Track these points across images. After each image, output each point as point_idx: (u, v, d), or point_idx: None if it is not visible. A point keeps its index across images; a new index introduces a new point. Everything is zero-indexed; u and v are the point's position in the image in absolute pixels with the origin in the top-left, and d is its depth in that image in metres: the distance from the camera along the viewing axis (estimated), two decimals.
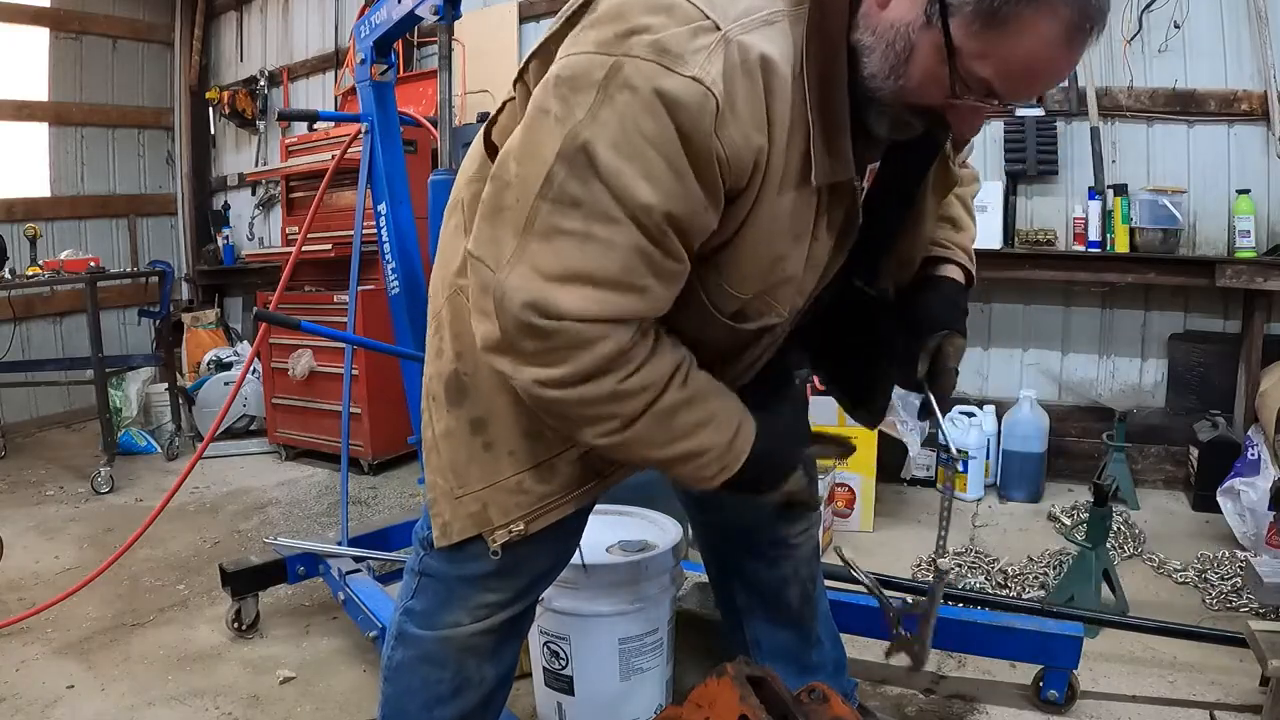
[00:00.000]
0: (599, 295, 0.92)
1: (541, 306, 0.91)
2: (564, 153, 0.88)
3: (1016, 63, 0.86)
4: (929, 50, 0.88)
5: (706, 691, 1.20)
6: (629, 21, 0.87)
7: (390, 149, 2.38)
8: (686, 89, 0.85)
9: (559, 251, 0.91)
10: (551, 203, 0.90)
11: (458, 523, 1.19)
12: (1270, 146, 3.17)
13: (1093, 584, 2.23)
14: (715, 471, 1.08)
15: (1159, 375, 3.48)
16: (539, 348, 0.94)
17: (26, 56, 5.14)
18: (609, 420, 1.00)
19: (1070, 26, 0.83)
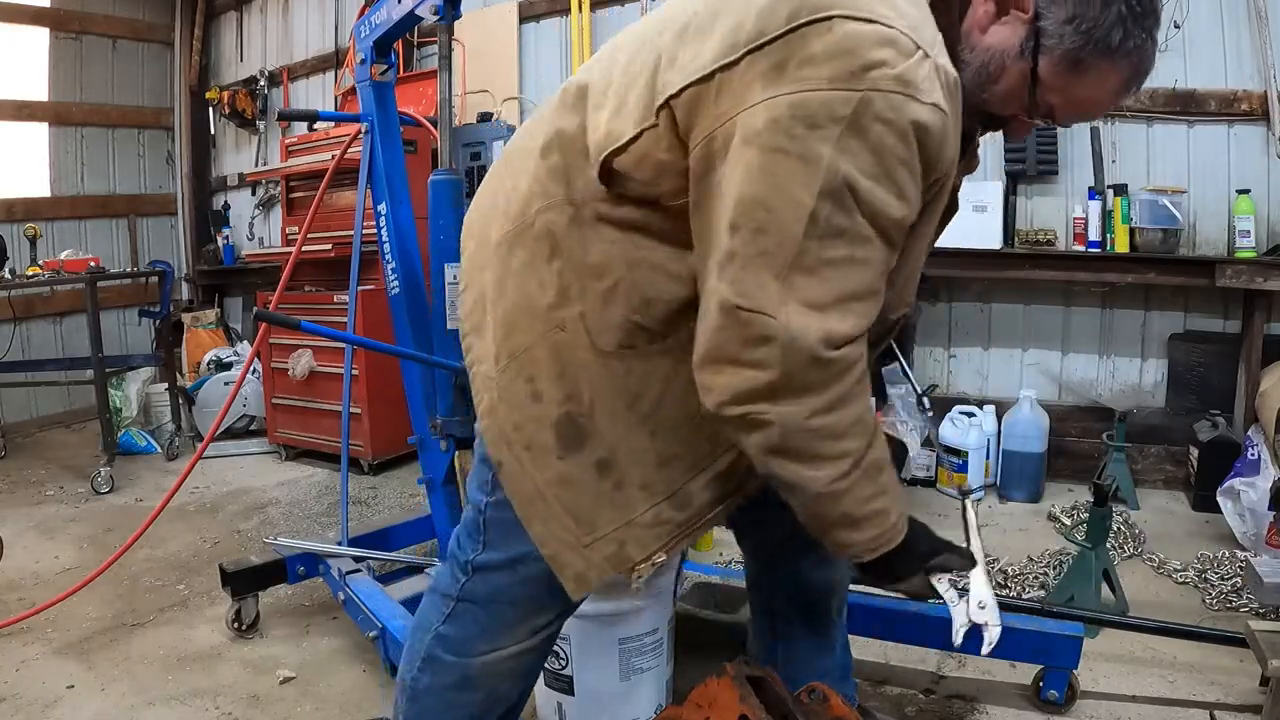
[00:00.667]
0: (860, 308, 1.00)
1: (831, 338, 0.97)
2: (826, 190, 0.93)
3: (1080, 99, 1.06)
4: (1016, 76, 1.05)
5: (706, 691, 1.20)
6: (863, 57, 0.91)
7: (390, 149, 2.38)
8: (932, 115, 0.94)
9: (827, 281, 0.96)
10: (819, 240, 0.95)
11: (594, 570, 1.17)
12: (1270, 146, 3.17)
13: (1093, 584, 2.23)
14: (886, 540, 1.11)
15: (1159, 375, 3.48)
16: (820, 377, 0.98)
17: (26, 56, 5.14)
18: (844, 459, 1.03)
19: (1127, 81, 1.05)
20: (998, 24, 1.04)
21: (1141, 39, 1.01)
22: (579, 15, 4.33)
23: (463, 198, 2.28)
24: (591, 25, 4.35)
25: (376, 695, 2.07)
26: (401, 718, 1.35)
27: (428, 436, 2.33)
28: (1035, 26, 1.01)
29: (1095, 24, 0.99)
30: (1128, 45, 1.00)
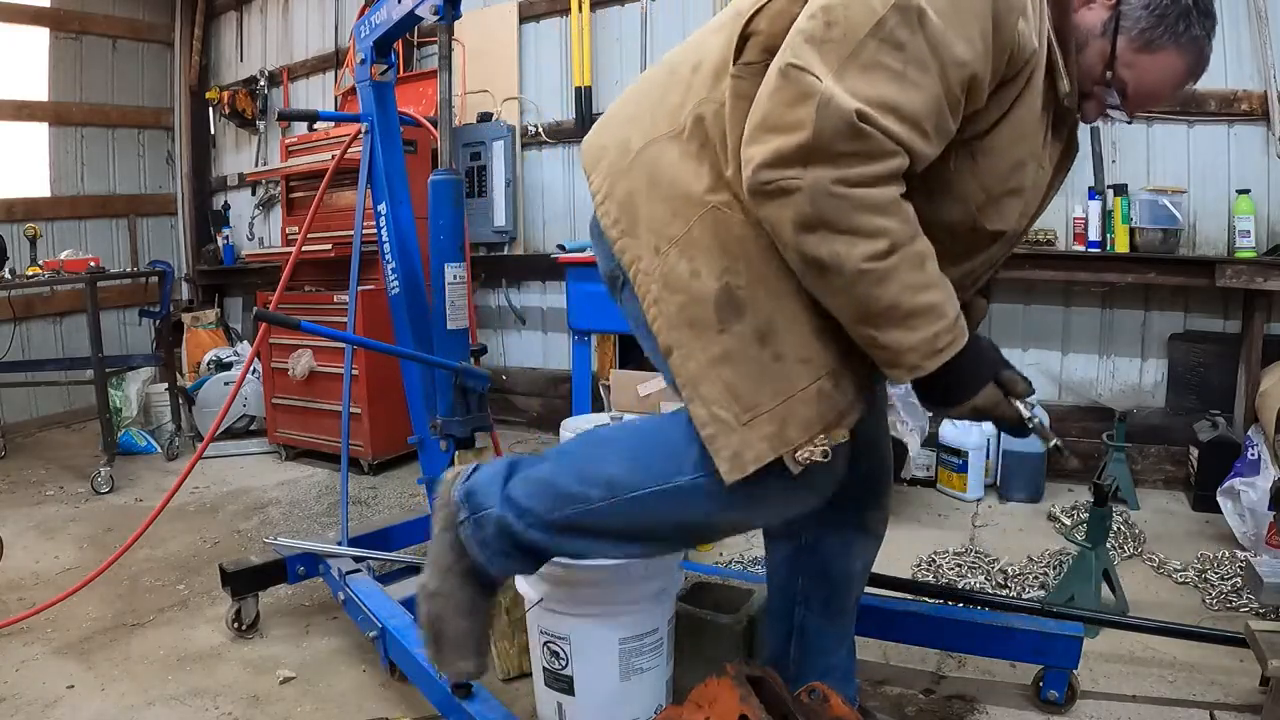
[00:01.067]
0: (900, 121, 1.05)
1: (869, 115, 1.03)
2: (900, 4, 1.05)
3: (1150, 78, 1.23)
4: (1096, 53, 1.22)
5: (706, 691, 1.20)
6: None
7: (390, 149, 2.38)
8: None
9: (875, 82, 1.05)
10: (879, 41, 1.05)
11: (752, 449, 1.14)
12: (1270, 146, 3.17)
13: (1093, 584, 2.23)
14: (946, 341, 1.11)
15: (1159, 375, 3.48)
16: (850, 149, 1.04)
17: (26, 56, 5.14)
18: (880, 237, 1.06)
19: (1188, 70, 1.24)
20: (1085, 8, 1.22)
21: (1201, 33, 1.20)
22: (579, 15, 4.33)
23: (463, 197, 2.28)
24: (591, 25, 4.35)
25: (376, 695, 2.07)
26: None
27: (428, 436, 2.33)
28: (1118, 9, 1.20)
29: (1167, 11, 1.18)
30: (1192, 34, 1.19)
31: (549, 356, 4.81)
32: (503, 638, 2.14)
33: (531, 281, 4.77)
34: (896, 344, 1.10)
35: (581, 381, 3.94)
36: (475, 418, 2.28)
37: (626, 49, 4.31)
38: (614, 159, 1.31)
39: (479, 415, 2.29)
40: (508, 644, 2.13)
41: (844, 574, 1.61)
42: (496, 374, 4.68)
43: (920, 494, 3.44)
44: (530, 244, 4.74)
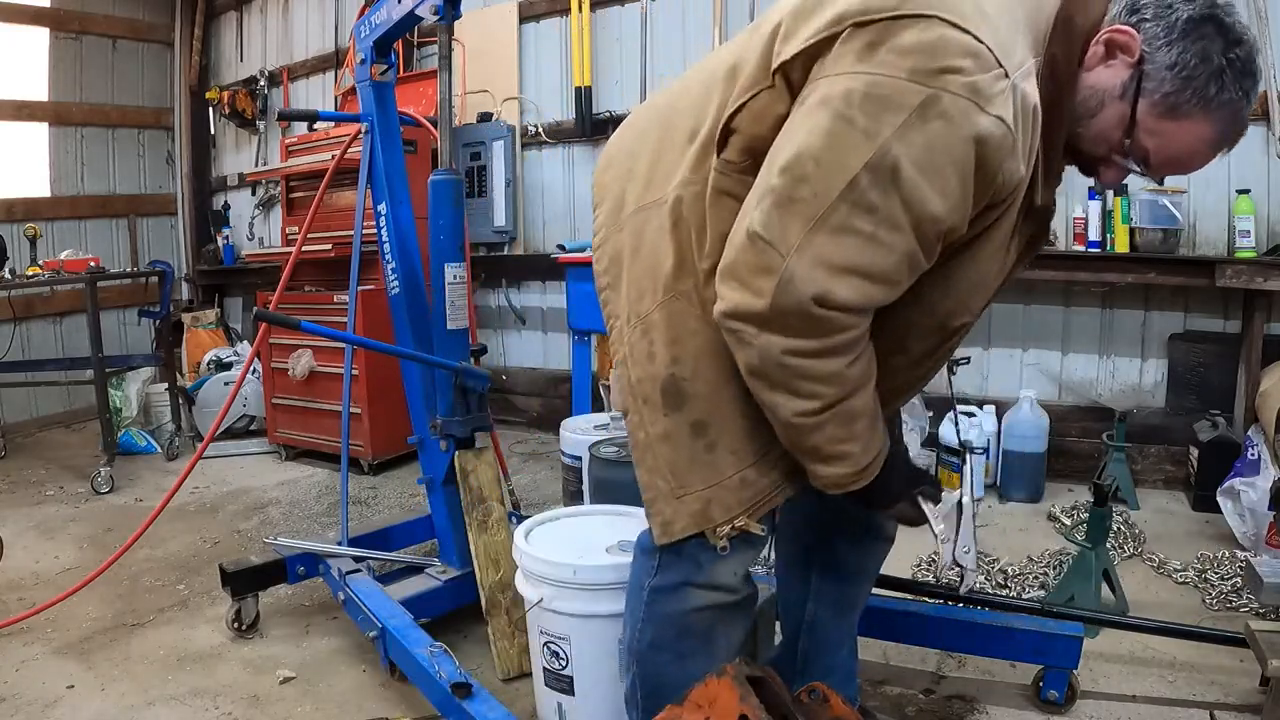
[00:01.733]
0: (868, 288, 1.06)
1: (824, 298, 1.05)
2: (872, 164, 1.01)
3: (1174, 147, 1.11)
4: (1114, 116, 1.11)
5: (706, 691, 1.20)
6: (945, 60, 0.99)
7: (390, 149, 2.38)
8: (994, 126, 1.00)
9: (844, 247, 1.04)
10: (850, 205, 1.03)
11: (680, 521, 1.27)
12: (1270, 146, 3.17)
13: (1093, 584, 2.23)
14: (852, 482, 1.21)
15: (1159, 375, 3.48)
16: (803, 326, 1.07)
17: (26, 56, 5.14)
18: (814, 399, 1.12)
19: (1221, 136, 1.10)
20: (1103, 65, 1.11)
21: (1237, 96, 1.07)
22: (579, 15, 4.33)
23: (463, 198, 2.28)
24: (591, 25, 4.35)
25: (376, 695, 2.07)
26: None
27: (428, 436, 2.33)
28: (1139, 70, 1.08)
29: (1195, 73, 1.06)
30: (1223, 98, 1.06)
31: (549, 356, 4.81)
32: (503, 638, 2.14)
33: (531, 281, 4.77)
34: (813, 470, 1.22)
35: (581, 381, 3.94)
36: (475, 418, 2.28)
37: (626, 49, 4.31)
38: (610, 208, 1.37)
39: (479, 415, 2.29)
40: (508, 644, 2.13)
41: (856, 571, 1.65)
42: (496, 374, 4.68)
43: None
44: (530, 244, 4.74)
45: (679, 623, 1.34)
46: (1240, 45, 1.06)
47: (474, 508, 2.23)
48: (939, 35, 0.99)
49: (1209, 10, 1.07)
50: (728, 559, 1.29)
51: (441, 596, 2.30)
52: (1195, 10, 1.07)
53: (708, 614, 1.33)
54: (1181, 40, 1.07)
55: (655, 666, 1.38)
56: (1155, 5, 1.09)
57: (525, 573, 1.81)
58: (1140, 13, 1.09)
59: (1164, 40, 1.07)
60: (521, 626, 2.08)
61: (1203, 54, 1.05)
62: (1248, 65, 1.07)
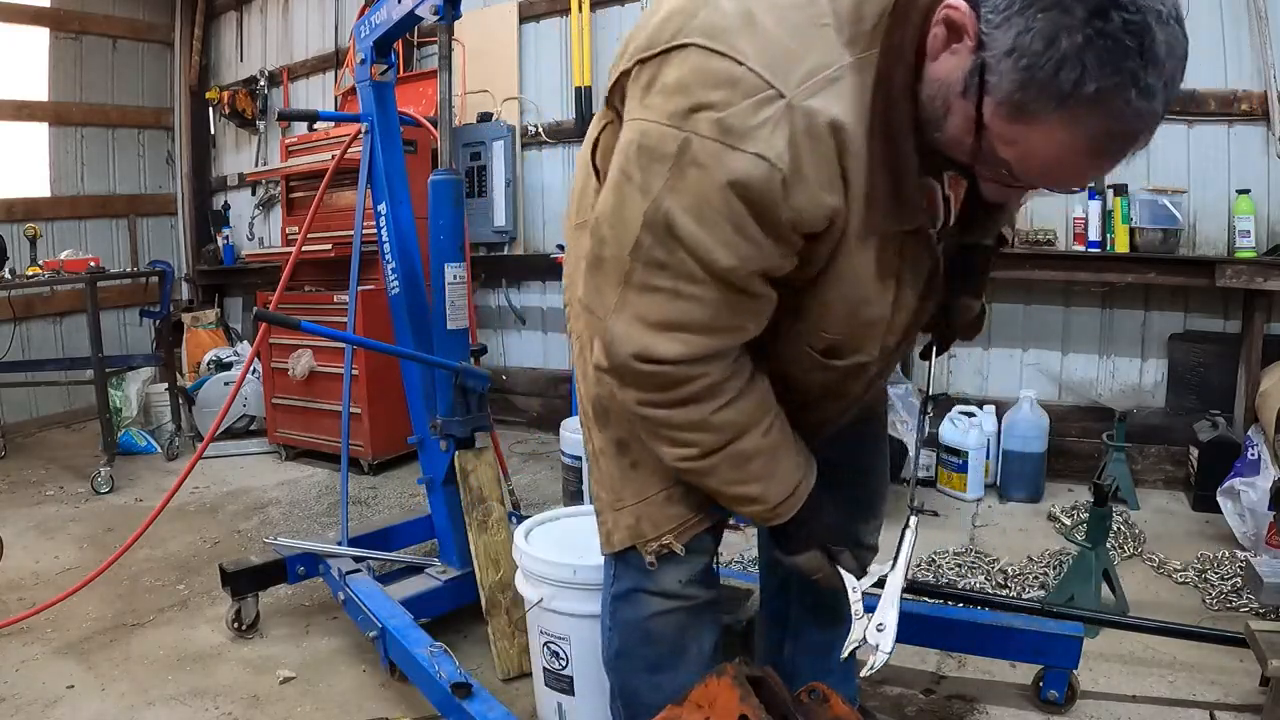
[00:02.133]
0: (693, 339, 1.01)
1: (644, 355, 1.02)
2: (649, 222, 0.95)
3: (1036, 158, 0.84)
4: (962, 118, 0.87)
5: (706, 691, 1.20)
6: (692, 97, 0.90)
7: (390, 149, 2.38)
8: (752, 166, 0.89)
9: (653, 304, 1.00)
10: (643, 264, 0.99)
11: (618, 533, 1.29)
12: (1270, 146, 3.17)
13: (1093, 584, 2.23)
14: (767, 518, 1.19)
15: (1159, 375, 3.48)
16: (643, 382, 1.06)
17: (26, 56, 5.14)
18: (690, 446, 1.11)
19: (1095, 142, 0.81)
20: (948, 52, 0.86)
21: (1111, 84, 0.76)
22: (579, 15, 4.33)
23: (463, 198, 2.28)
24: (591, 25, 4.35)
25: (376, 695, 2.07)
26: None
27: (428, 436, 2.33)
28: (980, 57, 0.82)
29: (1039, 59, 0.77)
30: (1085, 91, 0.76)
31: (549, 356, 4.81)
32: (502, 638, 2.14)
33: (531, 281, 4.77)
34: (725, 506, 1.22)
35: None
36: (475, 418, 2.28)
37: None
38: (567, 224, 1.38)
39: (479, 415, 2.29)
40: (508, 644, 2.13)
41: None
42: (496, 374, 4.68)
43: (920, 494, 3.44)
44: (530, 244, 4.74)
45: (640, 629, 1.33)
46: (1107, 13, 0.75)
47: (474, 508, 2.23)
48: (692, 67, 0.90)
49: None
50: (668, 568, 1.28)
51: (441, 596, 2.30)
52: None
53: (667, 620, 1.31)
54: (1022, 14, 0.78)
55: (624, 676, 1.38)
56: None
57: (525, 573, 1.81)
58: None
59: (1003, 15, 0.79)
60: (521, 626, 2.08)
61: (1049, 32, 0.76)
62: (1121, 40, 0.75)
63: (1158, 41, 0.77)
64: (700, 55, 0.90)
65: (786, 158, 0.88)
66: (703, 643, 1.34)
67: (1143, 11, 0.76)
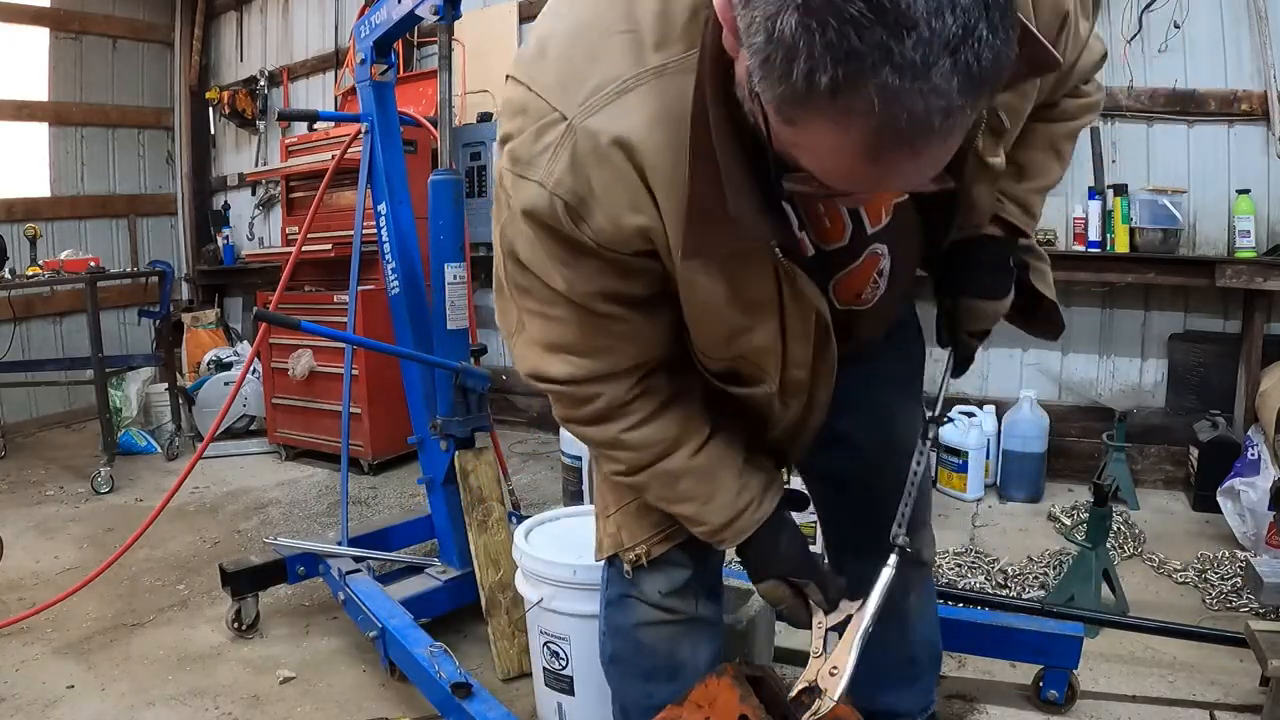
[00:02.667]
0: (577, 360, 1.01)
1: (538, 375, 1.05)
2: (503, 250, 0.98)
3: (820, 166, 0.69)
4: (760, 119, 0.71)
5: (706, 691, 1.20)
6: (502, 128, 0.93)
7: (390, 149, 2.38)
8: (536, 195, 0.87)
9: (534, 326, 1.02)
10: (514, 288, 1.00)
11: (606, 540, 1.29)
12: (1270, 146, 3.17)
13: (1093, 584, 2.23)
14: (716, 540, 1.17)
15: (1159, 375, 3.48)
16: (554, 398, 1.08)
17: (26, 56, 5.14)
18: (616, 462, 1.12)
19: (869, 142, 0.63)
20: (739, 54, 0.72)
21: (851, 71, 0.58)
22: None
23: (463, 198, 2.28)
24: None
25: (376, 695, 2.07)
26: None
27: (428, 436, 2.33)
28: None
29: (766, 57, 0.62)
30: (823, 85, 0.60)
31: None
32: (502, 638, 2.14)
33: None
34: None
35: None
36: (475, 418, 2.28)
37: None
38: None
39: (479, 415, 2.29)
40: (508, 644, 2.13)
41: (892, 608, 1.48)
42: (496, 374, 4.67)
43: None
44: None
45: (631, 637, 1.31)
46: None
47: (474, 508, 2.23)
48: (504, 99, 0.92)
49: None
50: (647, 577, 1.27)
51: (441, 596, 2.30)
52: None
53: (657, 631, 1.29)
54: (749, 4, 0.63)
55: (618, 682, 1.38)
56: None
57: (525, 573, 1.81)
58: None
59: (742, 6, 0.65)
60: (521, 626, 2.08)
61: (768, 20, 0.61)
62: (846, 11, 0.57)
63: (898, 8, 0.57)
64: (510, 86, 0.91)
65: (568, 183, 0.85)
66: (697, 658, 1.31)
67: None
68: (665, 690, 1.27)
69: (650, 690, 1.31)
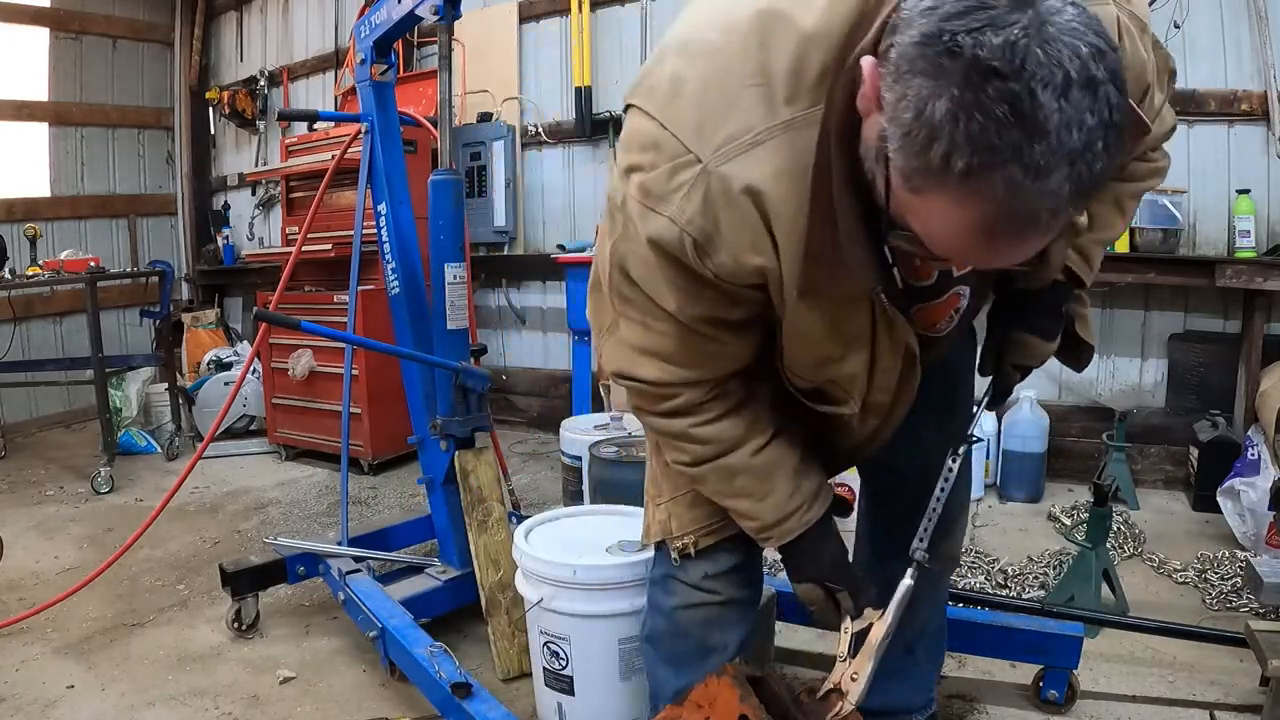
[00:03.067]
0: (669, 367, 1.09)
1: (626, 374, 1.13)
2: (614, 263, 1.05)
3: (934, 235, 0.77)
4: (881, 185, 0.80)
5: (706, 691, 1.20)
6: (629, 157, 0.97)
7: (390, 149, 2.38)
8: (666, 230, 0.94)
9: (633, 332, 1.10)
10: (618, 296, 1.09)
11: (654, 525, 1.36)
12: (1270, 146, 3.17)
13: (1093, 584, 2.23)
14: (764, 537, 1.23)
15: (1159, 375, 3.48)
16: (634, 394, 1.16)
17: (26, 56, 5.14)
18: (681, 452, 1.19)
19: (985, 222, 0.71)
20: (870, 117, 0.80)
21: (986, 161, 0.67)
22: (579, 15, 4.33)
23: (463, 197, 2.28)
24: (591, 25, 4.35)
25: (376, 695, 2.07)
26: None
27: (428, 436, 2.33)
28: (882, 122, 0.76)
29: (909, 130, 0.70)
30: (958, 168, 0.68)
31: (549, 356, 4.81)
32: (502, 638, 2.14)
33: (531, 281, 4.77)
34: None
35: (581, 381, 3.94)
36: (475, 418, 2.28)
37: (626, 49, 4.31)
38: None
39: (479, 415, 2.29)
40: (508, 644, 2.13)
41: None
42: (496, 374, 4.68)
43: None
44: (530, 244, 4.74)
45: (671, 618, 1.38)
46: (983, 81, 0.66)
47: (474, 508, 2.23)
48: (631, 129, 0.97)
49: (942, 23, 0.68)
50: (694, 562, 1.33)
51: (441, 596, 2.30)
52: (927, 25, 0.69)
53: (694, 613, 1.35)
54: (903, 80, 0.71)
55: (652, 662, 1.43)
56: (905, 15, 0.73)
57: (525, 573, 1.81)
58: (897, 31, 0.73)
59: (892, 76, 0.72)
60: (521, 626, 2.08)
61: (919, 100, 0.69)
62: (996, 110, 0.65)
63: (1047, 112, 0.65)
64: (638, 117, 0.95)
65: (698, 222, 0.92)
66: (728, 642, 1.38)
67: (1027, 78, 0.65)
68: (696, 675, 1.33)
69: (681, 672, 1.38)
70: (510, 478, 2.85)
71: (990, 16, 0.66)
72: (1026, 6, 0.67)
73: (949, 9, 0.68)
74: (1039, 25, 0.66)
